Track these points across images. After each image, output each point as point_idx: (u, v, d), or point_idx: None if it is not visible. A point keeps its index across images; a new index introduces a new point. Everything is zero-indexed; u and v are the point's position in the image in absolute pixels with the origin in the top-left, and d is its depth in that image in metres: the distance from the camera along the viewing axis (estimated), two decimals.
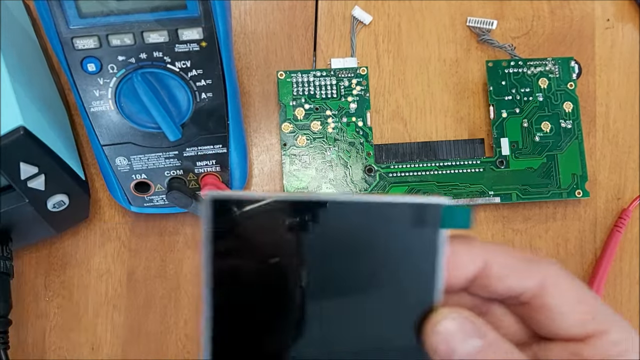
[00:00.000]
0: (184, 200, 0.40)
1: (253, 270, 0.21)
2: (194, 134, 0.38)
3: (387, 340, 0.23)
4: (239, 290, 0.21)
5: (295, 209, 0.21)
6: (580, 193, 0.43)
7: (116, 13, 0.32)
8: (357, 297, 0.22)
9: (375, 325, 0.23)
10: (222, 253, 0.21)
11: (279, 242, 0.21)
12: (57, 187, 0.38)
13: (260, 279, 0.21)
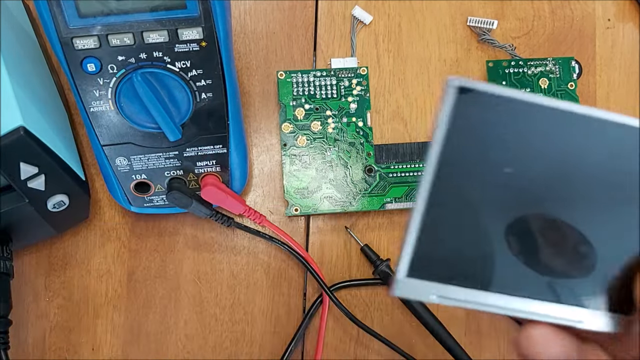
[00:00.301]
0: (184, 201, 0.40)
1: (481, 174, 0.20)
2: (194, 134, 0.38)
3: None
4: (459, 191, 0.20)
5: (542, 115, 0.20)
6: None
7: (116, 13, 0.32)
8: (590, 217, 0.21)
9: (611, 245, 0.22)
10: (452, 147, 0.20)
11: (515, 149, 0.20)
12: (57, 187, 0.38)
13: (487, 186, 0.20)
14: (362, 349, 0.44)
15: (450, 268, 0.21)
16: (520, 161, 0.20)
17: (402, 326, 0.44)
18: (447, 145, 0.20)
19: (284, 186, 0.43)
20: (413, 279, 0.21)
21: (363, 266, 0.44)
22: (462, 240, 0.21)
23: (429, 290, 0.21)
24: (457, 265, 0.21)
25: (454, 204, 0.21)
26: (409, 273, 0.21)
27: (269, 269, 0.44)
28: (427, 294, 0.21)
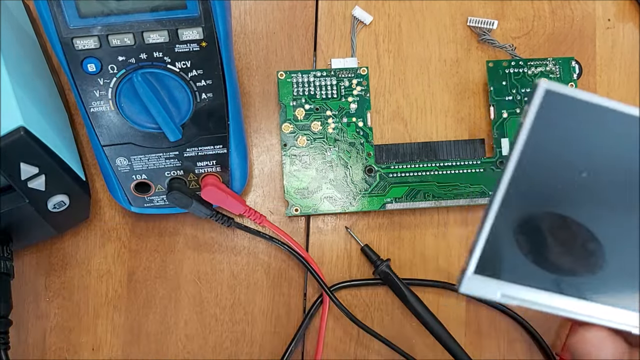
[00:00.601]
0: (184, 201, 0.40)
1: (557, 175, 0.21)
2: (194, 134, 0.38)
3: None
4: (534, 192, 0.21)
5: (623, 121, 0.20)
6: None
7: (116, 13, 0.32)
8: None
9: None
10: (534, 146, 0.20)
11: (594, 154, 0.21)
12: (58, 187, 0.38)
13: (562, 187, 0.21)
14: (362, 349, 0.44)
15: (518, 268, 0.22)
16: (596, 166, 0.21)
17: (402, 326, 0.44)
18: (529, 145, 0.20)
19: (284, 186, 0.43)
20: (481, 275, 0.21)
21: (363, 266, 0.44)
22: (531, 242, 0.22)
23: (495, 288, 0.22)
24: (524, 265, 0.22)
25: (528, 204, 0.21)
26: (477, 270, 0.21)
27: (269, 269, 0.44)
28: (493, 292, 0.22)
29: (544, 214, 0.21)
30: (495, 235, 0.21)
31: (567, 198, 0.21)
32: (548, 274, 0.22)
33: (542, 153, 0.21)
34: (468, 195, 0.43)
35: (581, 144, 0.21)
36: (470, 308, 0.44)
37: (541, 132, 0.20)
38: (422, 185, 0.44)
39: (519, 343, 0.45)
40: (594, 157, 0.21)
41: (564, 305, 0.22)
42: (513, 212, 0.21)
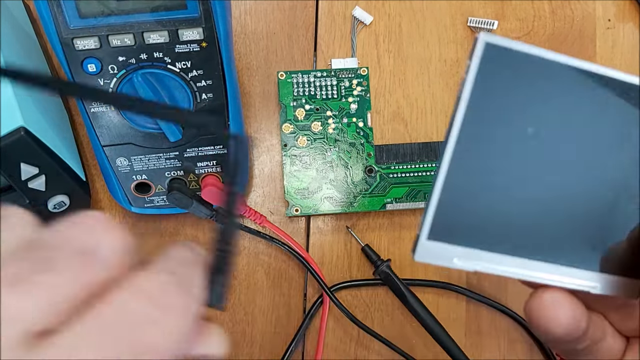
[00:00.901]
0: (185, 201, 0.40)
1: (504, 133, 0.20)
2: (194, 134, 0.38)
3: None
4: (482, 150, 0.20)
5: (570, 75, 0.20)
6: None
7: (116, 13, 0.32)
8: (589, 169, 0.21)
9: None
10: (478, 105, 0.20)
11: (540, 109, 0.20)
12: (58, 187, 0.38)
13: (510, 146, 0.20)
14: (362, 350, 0.44)
15: (472, 231, 0.21)
16: (542, 122, 0.20)
17: (402, 327, 0.44)
18: (473, 103, 0.20)
19: (285, 187, 0.43)
20: (435, 242, 0.21)
21: (363, 266, 0.44)
22: (482, 204, 0.21)
23: (450, 254, 0.21)
24: (478, 228, 0.21)
25: (477, 164, 0.21)
26: (429, 236, 0.21)
27: (269, 270, 0.44)
28: (448, 258, 0.21)
29: (496, 177, 0.21)
30: (446, 199, 0.21)
31: (515, 154, 0.21)
32: (502, 236, 0.21)
33: (487, 109, 0.20)
34: None
35: (525, 98, 0.20)
36: (470, 308, 0.44)
37: (485, 88, 0.20)
38: (422, 186, 0.44)
39: (519, 343, 0.45)
40: (539, 112, 0.20)
41: (520, 267, 0.22)
42: (463, 174, 0.21)
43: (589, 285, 0.22)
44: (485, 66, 0.20)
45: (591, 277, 0.22)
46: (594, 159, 0.21)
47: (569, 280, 0.22)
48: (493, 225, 0.21)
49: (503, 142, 0.21)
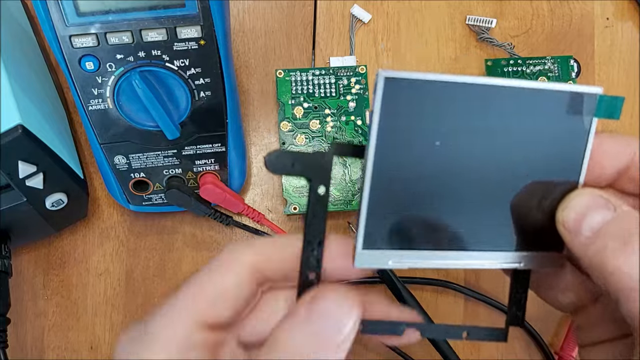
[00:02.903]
0: (183, 199, 0.40)
1: (415, 150, 0.23)
2: (192, 132, 0.38)
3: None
4: (398, 167, 0.23)
5: (462, 90, 0.23)
6: None
7: (114, 11, 0.32)
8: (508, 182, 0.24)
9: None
10: (387, 130, 0.22)
11: (443, 124, 0.23)
12: (56, 185, 0.38)
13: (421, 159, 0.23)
14: (360, 348, 0.44)
15: (400, 235, 0.24)
16: (447, 135, 0.23)
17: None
18: (382, 129, 0.22)
19: (283, 184, 0.43)
20: (369, 250, 0.24)
21: None
22: (405, 211, 0.24)
23: (385, 257, 0.24)
24: (406, 232, 0.24)
25: (396, 178, 0.23)
26: (364, 246, 0.23)
27: None
28: (384, 261, 0.24)
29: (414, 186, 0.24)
30: (373, 212, 0.23)
31: (428, 165, 0.23)
32: (427, 235, 0.24)
33: (396, 131, 0.23)
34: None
35: (430, 118, 0.23)
36: (468, 306, 0.44)
37: (392, 116, 0.22)
38: None
39: (517, 342, 0.45)
40: (443, 127, 0.23)
41: (448, 258, 0.24)
42: (384, 188, 0.23)
43: (513, 263, 0.25)
44: (388, 96, 0.22)
45: (513, 256, 0.25)
46: (493, 154, 0.24)
47: (493, 263, 0.25)
48: (417, 227, 0.24)
49: (415, 157, 0.23)
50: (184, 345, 0.23)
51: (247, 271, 0.24)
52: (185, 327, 0.23)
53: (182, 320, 0.23)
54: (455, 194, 0.24)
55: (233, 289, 0.24)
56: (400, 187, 0.23)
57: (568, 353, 0.43)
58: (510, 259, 0.25)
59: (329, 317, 0.21)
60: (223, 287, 0.23)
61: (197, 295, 0.23)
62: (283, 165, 0.23)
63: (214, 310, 0.23)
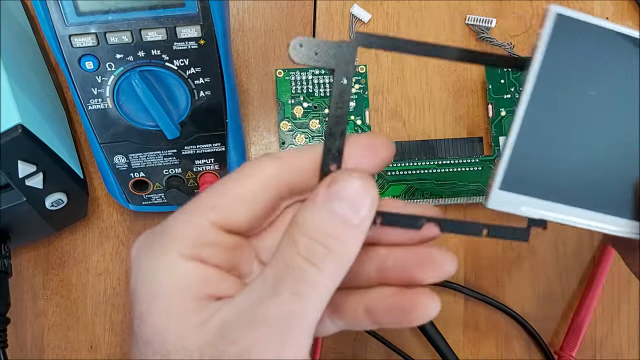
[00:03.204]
0: (183, 199, 0.40)
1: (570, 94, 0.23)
2: (192, 132, 0.38)
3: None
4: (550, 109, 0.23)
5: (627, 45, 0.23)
6: None
7: (114, 11, 0.32)
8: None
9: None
10: (548, 68, 0.23)
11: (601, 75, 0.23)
12: (56, 185, 0.38)
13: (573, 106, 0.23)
14: (360, 348, 0.44)
15: (538, 183, 0.24)
16: (602, 86, 0.23)
17: None
18: (544, 67, 0.23)
19: None
20: (505, 191, 0.24)
21: None
22: (548, 159, 0.24)
23: (519, 203, 0.24)
24: (544, 181, 0.24)
25: (546, 123, 0.23)
26: (501, 186, 0.24)
27: None
28: (517, 206, 0.24)
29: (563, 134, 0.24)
30: (517, 154, 0.24)
31: (578, 114, 0.24)
32: (564, 188, 0.24)
33: (555, 73, 0.23)
34: (466, 193, 0.43)
35: (591, 65, 0.23)
36: (468, 306, 0.44)
37: (555, 54, 0.23)
38: (420, 184, 0.44)
39: (517, 341, 0.45)
40: (601, 78, 0.23)
41: (578, 216, 0.25)
42: (532, 131, 0.23)
43: (631, 231, 0.25)
44: (555, 33, 0.22)
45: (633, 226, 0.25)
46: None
47: (617, 230, 0.25)
48: (557, 178, 0.24)
49: (568, 103, 0.23)
50: (200, 242, 0.23)
51: (267, 179, 0.24)
52: (201, 225, 0.23)
53: (199, 219, 0.24)
54: (597, 151, 0.24)
55: (251, 194, 0.24)
56: (547, 133, 0.23)
57: (568, 353, 0.43)
58: (631, 229, 0.25)
59: (346, 199, 0.22)
60: (241, 192, 0.24)
61: (215, 197, 0.24)
62: (307, 55, 0.23)
63: (231, 213, 0.24)
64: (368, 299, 0.26)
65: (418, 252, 0.26)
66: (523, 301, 0.45)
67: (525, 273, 0.45)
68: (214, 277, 0.23)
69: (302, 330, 0.22)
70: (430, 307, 0.26)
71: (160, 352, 0.22)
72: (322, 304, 0.23)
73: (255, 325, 0.22)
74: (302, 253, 0.22)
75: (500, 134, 0.44)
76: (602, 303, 0.45)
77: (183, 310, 0.22)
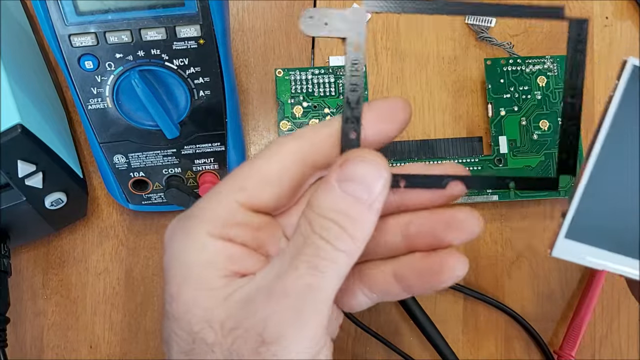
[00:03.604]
0: (182, 198, 0.40)
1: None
2: (192, 131, 0.38)
3: None
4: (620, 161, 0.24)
5: None
6: None
7: (113, 10, 0.32)
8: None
9: None
10: (621, 120, 0.23)
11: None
12: (55, 185, 0.37)
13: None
14: (360, 348, 0.44)
15: (605, 235, 0.24)
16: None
17: (400, 325, 0.44)
18: (617, 117, 0.23)
19: None
20: (571, 240, 0.24)
21: None
22: (619, 211, 0.24)
23: (583, 253, 0.24)
24: (611, 233, 0.24)
25: (615, 176, 0.24)
26: (567, 234, 0.24)
27: None
28: (581, 256, 0.24)
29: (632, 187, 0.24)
30: (584, 205, 0.24)
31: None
32: (629, 241, 0.24)
33: (629, 126, 0.23)
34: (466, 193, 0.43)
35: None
36: (467, 305, 0.44)
37: (628, 105, 0.23)
38: None
39: (517, 341, 0.45)
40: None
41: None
42: (601, 183, 0.24)
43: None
44: (629, 86, 0.23)
45: None
46: None
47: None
48: (623, 230, 0.24)
49: (637, 155, 0.24)
50: (228, 222, 0.25)
51: (291, 157, 0.25)
52: (230, 207, 0.25)
53: (227, 200, 0.25)
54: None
55: (276, 173, 0.25)
56: (615, 185, 0.24)
57: (567, 353, 0.43)
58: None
59: (358, 180, 0.23)
60: (267, 171, 0.25)
61: (241, 179, 0.25)
62: (317, 26, 0.24)
63: (258, 193, 0.25)
64: (397, 267, 0.27)
65: (442, 214, 0.27)
66: (522, 301, 0.45)
67: (525, 273, 0.45)
68: (240, 255, 0.25)
69: (320, 302, 0.23)
70: (457, 266, 0.26)
71: (186, 328, 0.23)
72: (340, 280, 0.23)
73: (274, 297, 0.23)
74: (318, 232, 0.23)
75: (500, 134, 0.44)
76: (601, 303, 0.45)
77: (211, 286, 0.24)
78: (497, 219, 0.45)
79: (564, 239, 0.24)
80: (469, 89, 0.46)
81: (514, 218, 0.45)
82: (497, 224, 0.45)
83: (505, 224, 0.45)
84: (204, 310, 0.23)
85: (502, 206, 0.45)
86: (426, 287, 0.27)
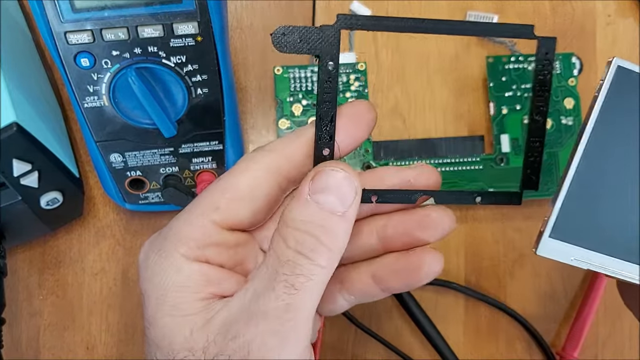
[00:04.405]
0: (180, 198, 0.39)
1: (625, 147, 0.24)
2: (189, 130, 0.37)
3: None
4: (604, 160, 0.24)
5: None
6: None
7: (110, 7, 0.32)
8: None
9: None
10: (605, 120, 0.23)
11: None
12: (51, 184, 0.37)
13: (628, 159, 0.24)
14: (359, 349, 0.44)
15: (588, 235, 0.25)
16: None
17: (400, 326, 0.44)
18: (602, 118, 0.23)
19: None
20: (555, 240, 0.25)
21: None
22: (603, 211, 0.24)
23: (567, 253, 0.25)
24: (596, 233, 0.25)
25: (599, 176, 0.24)
26: (551, 234, 0.25)
27: None
28: (566, 256, 0.25)
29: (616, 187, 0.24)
30: (567, 205, 0.24)
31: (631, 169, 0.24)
32: (613, 241, 0.25)
33: (614, 125, 0.23)
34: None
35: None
36: (469, 306, 0.44)
37: (613, 107, 0.23)
38: None
39: (518, 342, 0.44)
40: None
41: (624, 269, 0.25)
42: (584, 183, 0.24)
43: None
44: (615, 85, 0.23)
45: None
46: None
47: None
48: (606, 230, 0.25)
49: (621, 156, 0.24)
50: (203, 243, 0.24)
51: (263, 172, 0.25)
52: (205, 227, 0.25)
53: (201, 220, 0.25)
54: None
55: (250, 189, 0.25)
56: (598, 186, 0.24)
57: (570, 353, 0.43)
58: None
59: (331, 191, 0.23)
60: (240, 187, 0.25)
61: (214, 197, 0.25)
62: (290, 44, 0.23)
63: (232, 211, 0.25)
64: (375, 268, 0.27)
65: (416, 214, 0.27)
66: (524, 302, 0.44)
67: (527, 273, 0.45)
68: (217, 276, 0.24)
69: (301, 322, 0.23)
70: (433, 263, 0.27)
71: (168, 355, 0.23)
72: (319, 294, 0.23)
73: (253, 320, 0.22)
74: (293, 246, 0.23)
75: (501, 132, 0.43)
76: (604, 303, 0.44)
77: (188, 311, 0.23)
78: (499, 218, 0.44)
79: (548, 238, 0.25)
80: (471, 87, 0.45)
81: (516, 218, 0.45)
82: (499, 224, 0.44)
83: (507, 223, 0.44)
84: (183, 338, 0.23)
85: (503, 206, 0.44)
86: (404, 285, 0.27)
